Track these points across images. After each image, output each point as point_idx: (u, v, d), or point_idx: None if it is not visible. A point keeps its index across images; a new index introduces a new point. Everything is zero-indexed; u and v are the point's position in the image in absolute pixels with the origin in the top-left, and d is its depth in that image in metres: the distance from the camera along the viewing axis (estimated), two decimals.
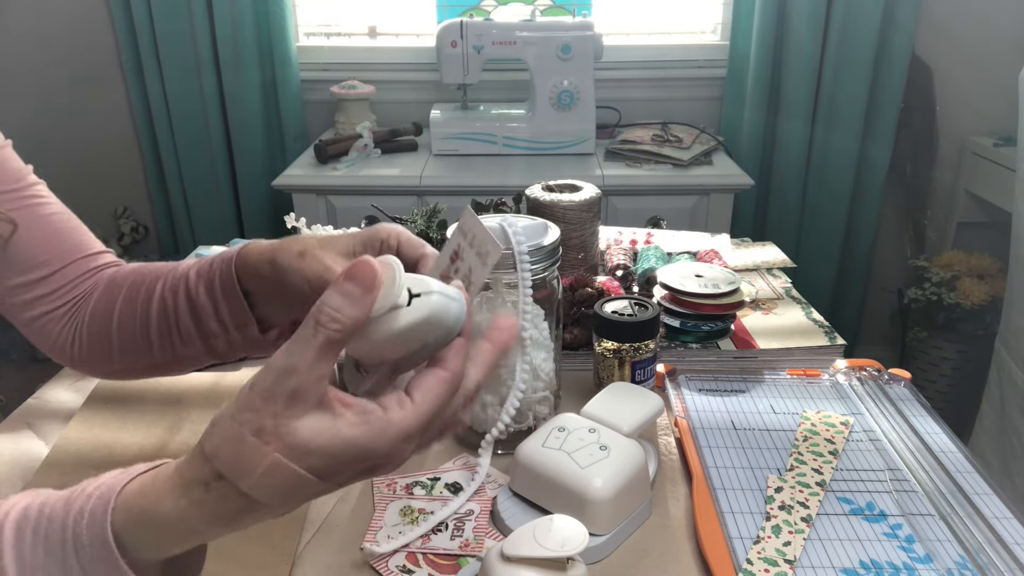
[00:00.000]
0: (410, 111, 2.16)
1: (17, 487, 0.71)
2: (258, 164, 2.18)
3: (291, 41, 2.10)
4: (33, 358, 2.10)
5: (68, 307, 0.67)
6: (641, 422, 0.68)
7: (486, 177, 1.82)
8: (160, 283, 0.63)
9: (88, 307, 0.67)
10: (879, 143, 2.10)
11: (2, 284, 0.66)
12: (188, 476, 0.38)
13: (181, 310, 0.61)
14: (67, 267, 0.67)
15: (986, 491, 0.68)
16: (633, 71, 2.18)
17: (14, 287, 0.66)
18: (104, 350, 0.66)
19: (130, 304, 0.64)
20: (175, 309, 0.62)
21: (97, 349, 0.66)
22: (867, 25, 1.98)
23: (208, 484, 0.37)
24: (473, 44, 1.87)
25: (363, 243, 0.55)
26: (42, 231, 0.66)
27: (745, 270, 1.12)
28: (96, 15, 2.14)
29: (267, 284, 0.58)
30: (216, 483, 0.37)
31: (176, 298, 0.62)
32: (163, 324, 0.62)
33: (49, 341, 0.68)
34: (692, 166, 1.88)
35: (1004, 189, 1.89)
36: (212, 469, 0.37)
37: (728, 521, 0.64)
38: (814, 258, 2.20)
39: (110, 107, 2.23)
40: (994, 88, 2.07)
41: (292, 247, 0.56)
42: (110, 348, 0.65)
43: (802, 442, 0.75)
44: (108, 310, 0.65)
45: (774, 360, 0.90)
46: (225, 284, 0.59)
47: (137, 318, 0.63)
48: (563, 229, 0.97)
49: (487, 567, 0.52)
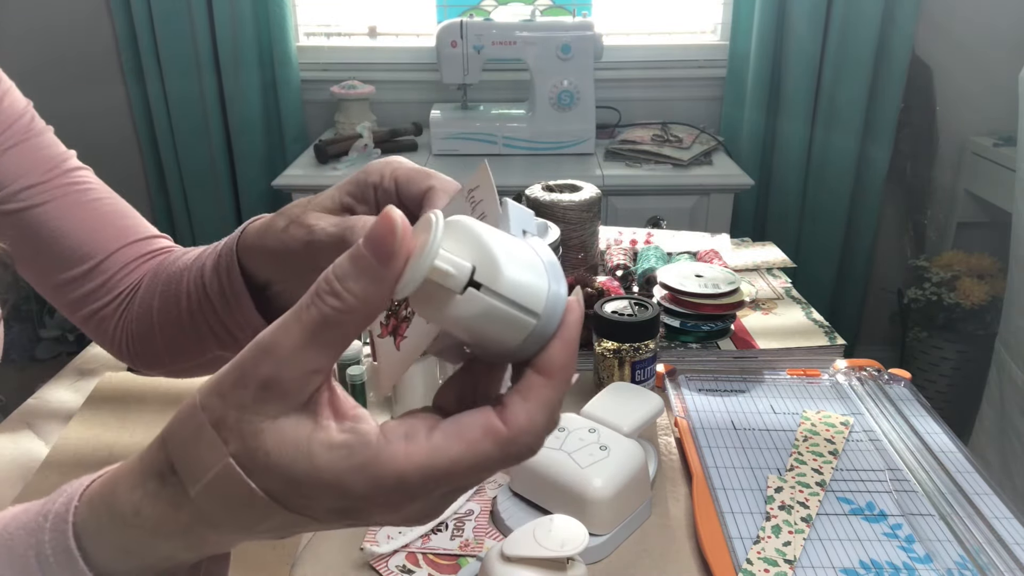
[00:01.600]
0: (410, 111, 2.16)
1: (17, 487, 0.71)
2: (258, 164, 2.18)
3: (291, 41, 2.10)
4: (33, 358, 2.10)
5: (120, 301, 0.61)
6: (641, 422, 0.68)
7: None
8: (185, 277, 0.56)
9: (136, 302, 0.60)
10: (879, 143, 2.10)
11: (52, 283, 0.61)
12: (147, 461, 0.31)
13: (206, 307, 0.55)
14: (112, 256, 0.61)
15: (986, 491, 0.68)
16: (633, 71, 2.18)
17: (63, 284, 0.60)
18: (153, 351, 0.60)
19: (166, 302, 0.57)
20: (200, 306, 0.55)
21: (147, 350, 0.60)
22: (867, 25, 1.98)
23: (163, 476, 0.30)
24: (473, 44, 1.87)
25: (350, 192, 0.45)
26: (81, 219, 0.60)
27: (745, 270, 1.12)
28: (96, 15, 2.14)
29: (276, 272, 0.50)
30: (171, 477, 0.29)
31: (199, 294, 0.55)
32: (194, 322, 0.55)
33: (107, 340, 0.62)
34: (692, 166, 1.88)
35: (1004, 189, 1.89)
36: (166, 457, 0.30)
37: (728, 521, 0.64)
38: (814, 258, 2.20)
39: (110, 107, 2.23)
40: (994, 88, 2.07)
41: (277, 224, 0.47)
42: (157, 349, 0.59)
43: (802, 442, 0.75)
44: (148, 308, 0.59)
45: (774, 360, 0.90)
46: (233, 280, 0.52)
47: (172, 318, 0.57)
48: (563, 229, 0.97)
49: (487, 567, 0.52)
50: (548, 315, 0.29)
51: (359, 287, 0.28)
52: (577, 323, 0.30)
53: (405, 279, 0.27)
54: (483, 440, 0.28)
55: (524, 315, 0.29)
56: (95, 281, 0.60)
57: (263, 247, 0.49)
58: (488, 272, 0.28)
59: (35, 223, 0.59)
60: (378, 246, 0.27)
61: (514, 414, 0.29)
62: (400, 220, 0.27)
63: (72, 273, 0.60)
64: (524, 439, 0.29)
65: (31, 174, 0.60)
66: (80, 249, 0.60)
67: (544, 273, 0.29)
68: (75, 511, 0.31)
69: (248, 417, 0.28)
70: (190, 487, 0.29)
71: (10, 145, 0.59)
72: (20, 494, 0.70)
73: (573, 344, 0.30)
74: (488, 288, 0.28)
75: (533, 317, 0.29)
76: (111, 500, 0.31)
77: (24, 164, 0.60)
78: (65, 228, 0.59)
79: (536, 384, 0.29)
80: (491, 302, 0.28)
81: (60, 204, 0.60)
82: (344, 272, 0.28)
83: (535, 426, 0.29)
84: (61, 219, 0.60)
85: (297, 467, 0.28)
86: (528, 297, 0.28)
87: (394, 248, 0.27)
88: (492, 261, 0.28)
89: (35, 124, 0.62)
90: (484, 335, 0.29)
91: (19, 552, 0.31)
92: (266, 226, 0.49)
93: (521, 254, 0.29)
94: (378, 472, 0.28)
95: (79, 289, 0.60)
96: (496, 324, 0.28)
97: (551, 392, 0.29)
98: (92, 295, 0.61)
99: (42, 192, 0.60)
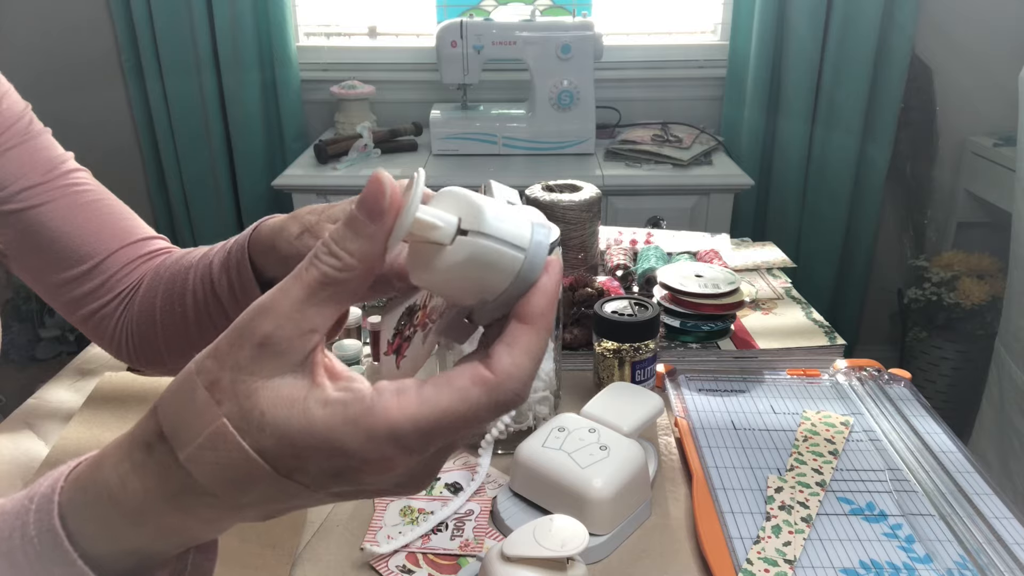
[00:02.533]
0: (410, 111, 2.16)
1: (17, 487, 0.71)
2: (258, 164, 2.18)
3: (291, 41, 2.10)
4: (33, 358, 2.10)
5: (119, 301, 0.62)
6: (641, 422, 0.68)
7: (486, 177, 1.79)
8: (192, 275, 0.57)
9: (136, 301, 0.62)
10: (879, 143, 2.10)
11: (50, 282, 0.62)
12: (136, 433, 0.30)
13: (212, 306, 0.56)
14: (111, 257, 0.62)
15: (986, 491, 0.68)
16: (633, 71, 2.18)
17: (61, 284, 0.61)
18: (155, 350, 0.61)
19: (169, 300, 0.59)
20: (206, 305, 0.56)
21: (148, 349, 0.61)
22: (867, 25, 1.98)
23: (151, 446, 0.29)
24: (473, 44, 1.87)
25: None
26: (80, 220, 0.61)
27: (745, 270, 1.12)
28: (96, 15, 2.14)
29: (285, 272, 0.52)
30: (159, 445, 0.29)
31: (206, 292, 0.56)
32: (199, 320, 0.57)
33: (106, 340, 0.63)
34: (692, 166, 1.88)
35: (1004, 189, 1.89)
36: (156, 425, 0.29)
37: (728, 521, 0.64)
38: (814, 258, 2.20)
39: (110, 107, 2.23)
40: (994, 88, 2.07)
41: (291, 230, 0.50)
42: (158, 347, 0.60)
43: (802, 442, 0.75)
44: (150, 306, 0.60)
45: (774, 360, 0.90)
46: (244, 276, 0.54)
47: (176, 316, 0.58)
48: (563, 229, 0.97)
49: (487, 567, 0.52)
50: (533, 254, 0.31)
51: (355, 246, 0.29)
52: (557, 274, 0.32)
53: (395, 231, 0.29)
54: (472, 388, 0.29)
55: (511, 250, 0.30)
56: (95, 281, 0.61)
57: (274, 249, 0.51)
58: (474, 219, 0.30)
59: (35, 223, 0.60)
60: (369, 206, 0.29)
61: (499, 361, 0.30)
62: (388, 181, 0.29)
63: (72, 273, 0.61)
64: (510, 384, 0.30)
65: (30, 175, 0.60)
66: (80, 249, 0.61)
67: (527, 223, 0.31)
68: (60, 491, 0.31)
69: (243, 377, 0.28)
70: (180, 451, 0.29)
71: (9, 147, 0.60)
72: None
73: (552, 293, 0.31)
74: (475, 231, 0.30)
75: (520, 252, 0.31)
76: (96, 475, 0.31)
77: (23, 165, 0.60)
78: (65, 228, 0.60)
79: (519, 332, 0.31)
80: (479, 242, 0.30)
81: (59, 205, 0.61)
82: (341, 235, 0.30)
83: (520, 370, 0.30)
84: (61, 220, 0.60)
85: (292, 424, 0.28)
86: (513, 236, 0.31)
87: (383, 206, 0.29)
88: (477, 210, 0.30)
89: (34, 126, 0.63)
90: (476, 281, 0.31)
91: (4, 535, 0.31)
92: (279, 228, 0.51)
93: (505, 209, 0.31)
94: (371, 423, 0.28)
95: (78, 289, 0.61)
96: (485, 267, 0.30)
97: (533, 337, 0.31)
98: (92, 295, 0.61)
99: (41, 193, 0.60)
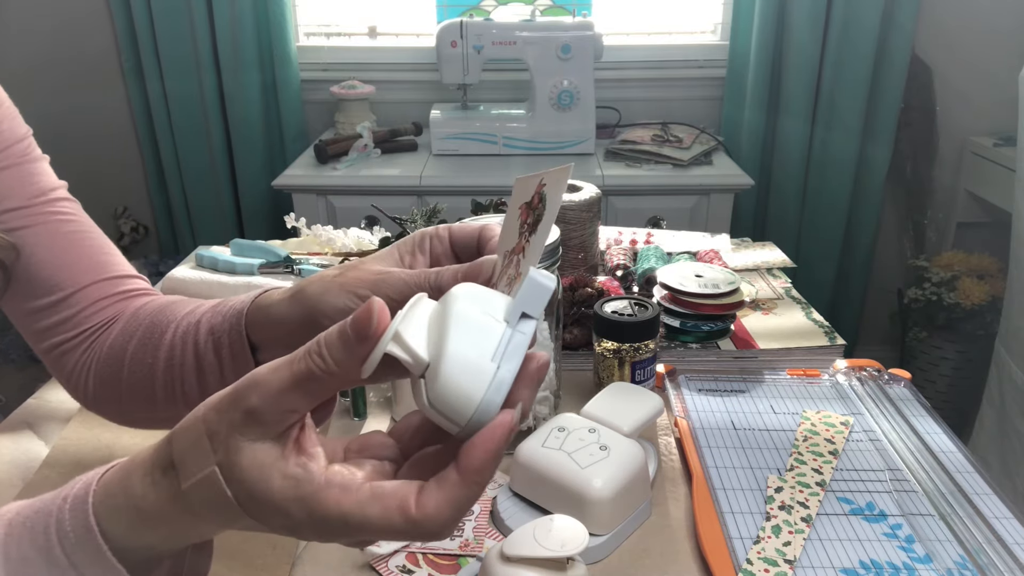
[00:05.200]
0: (410, 111, 2.16)
1: (17, 487, 0.71)
2: (258, 164, 2.18)
3: (291, 41, 2.10)
4: (33, 358, 2.10)
5: (84, 337, 0.60)
6: (641, 422, 0.68)
7: (486, 177, 1.82)
8: (172, 329, 0.56)
9: (106, 342, 0.59)
10: (879, 143, 2.10)
11: (19, 310, 0.60)
12: (157, 455, 0.36)
13: (187, 366, 0.54)
14: (82, 291, 0.60)
15: (986, 491, 0.68)
16: (633, 71, 2.18)
17: (29, 313, 0.59)
18: (114, 393, 0.59)
19: (142, 348, 0.57)
20: (181, 364, 0.55)
21: (107, 391, 0.59)
22: (867, 25, 1.98)
23: (166, 470, 0.35)
24: (473, 44, 1.87)
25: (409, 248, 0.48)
26: (57, 249, 0.59)
27: (745, 270, 1.12)
28: (96, 15, 2.14)
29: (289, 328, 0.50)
30: (171, 471, 0.35)
31: (184, 351, 0.55)
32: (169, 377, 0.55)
33: (64, 374, 0.61)
34: (692, 166, 1.88)
35: (1004, 189, 1.89)
36: (169, 455, 0.35)
37: (728, 521, 0.64)
38: (814, 258, 2.20)
39: (110, 107, 2.23)
40: (994, 88, 2.07)
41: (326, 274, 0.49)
42: (119, 392, 0.58)
43: (802, 442, 0.75)
44: (121, 351, 0.58)
45: (774, 360, 0.90)
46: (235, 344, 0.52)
47: (145, 367, 0.56)
48: (563, 229, 0.97)
49: (487, 567, 0.52)
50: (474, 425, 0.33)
51: (339, 356, 0.33)
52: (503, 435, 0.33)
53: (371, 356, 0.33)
54: (395, 513, 0.33)
55: (449, 423, 0.33)
56: (62, 314, 0.59)
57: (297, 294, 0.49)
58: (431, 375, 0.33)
59: None
60: (357, 327, 0.33)
61: (425, 502, 0.33)
62: (377, 310, 0.33)
63: (40, 303, 0.59)
64: (428, 526, 0.33)
65: (14, 198, 0.59)
66: (51, 279, 0.59)
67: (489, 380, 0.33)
68: (93, 493, 0.36)
69: (234, 435, 0.34)
70: (183, 482, 0.34)
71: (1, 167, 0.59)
72: (20, 494, 0.70)
73: (492, 452, 0.33)
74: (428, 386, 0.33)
75: (456, 426, 0.33)
76: (127, 484, 0.36)
77: (11, 188, 0.59)
78: (39, 256, 0.58)
79: (451, 482, 0.33)
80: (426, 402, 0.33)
81: (38, 231, 0.59)
82: (331, 340, 0.33)
83: (440, 518, 0.33)
84: (36, 246, 0.58)
85: (257, 487, 0.34)
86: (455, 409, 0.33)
87: (368, 332, 0.33)
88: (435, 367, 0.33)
89: (31, 152, 0.61)
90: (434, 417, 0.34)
91: (39, 530, 0.36)
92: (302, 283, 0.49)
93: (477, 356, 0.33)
94: (313, 507, 0.33)
95: (45, 320, 0.59)
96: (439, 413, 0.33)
97: (462, 492, 0.33)
98: (57, 327, 0.59)
99: (22, 216, 0.59)
